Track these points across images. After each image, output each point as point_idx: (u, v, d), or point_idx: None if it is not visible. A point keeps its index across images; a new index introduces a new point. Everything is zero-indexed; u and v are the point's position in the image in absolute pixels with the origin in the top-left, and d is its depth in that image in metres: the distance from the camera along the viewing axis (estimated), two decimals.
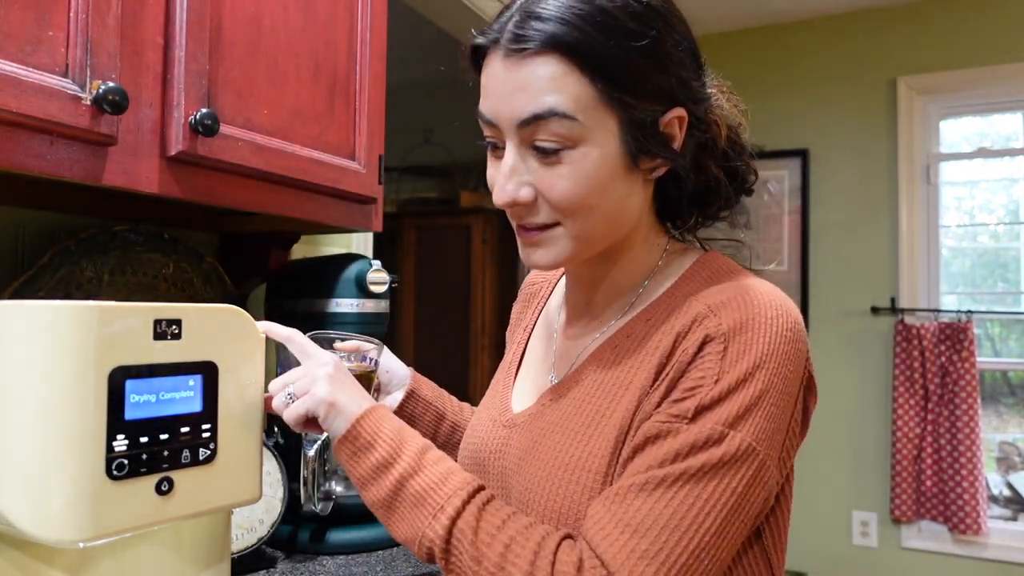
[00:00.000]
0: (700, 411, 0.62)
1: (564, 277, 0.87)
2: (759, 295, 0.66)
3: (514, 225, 0.72)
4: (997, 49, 2.88)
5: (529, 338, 0.89)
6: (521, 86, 0.65)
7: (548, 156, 0.65)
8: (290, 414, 0.71)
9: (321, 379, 0.71)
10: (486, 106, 0.68)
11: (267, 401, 0.75)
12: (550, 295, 0.91)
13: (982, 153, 3.03)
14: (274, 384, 0.74)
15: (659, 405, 0.64)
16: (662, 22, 0.66)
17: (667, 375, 0.65)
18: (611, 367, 0.71)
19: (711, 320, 0.64)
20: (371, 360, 0.85)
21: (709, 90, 0.74)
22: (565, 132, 0.64)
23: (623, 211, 0.70)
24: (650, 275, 0.75)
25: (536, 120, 0.64)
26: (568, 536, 0.62)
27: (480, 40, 0.69)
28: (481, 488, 0.65)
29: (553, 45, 0.63)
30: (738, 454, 0.60)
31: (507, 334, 0.97)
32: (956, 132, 3.08)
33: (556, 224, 0.68)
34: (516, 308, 0.98)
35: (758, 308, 0.64)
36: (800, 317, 0.67)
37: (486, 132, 0.70)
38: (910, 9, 3.01)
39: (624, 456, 0.65)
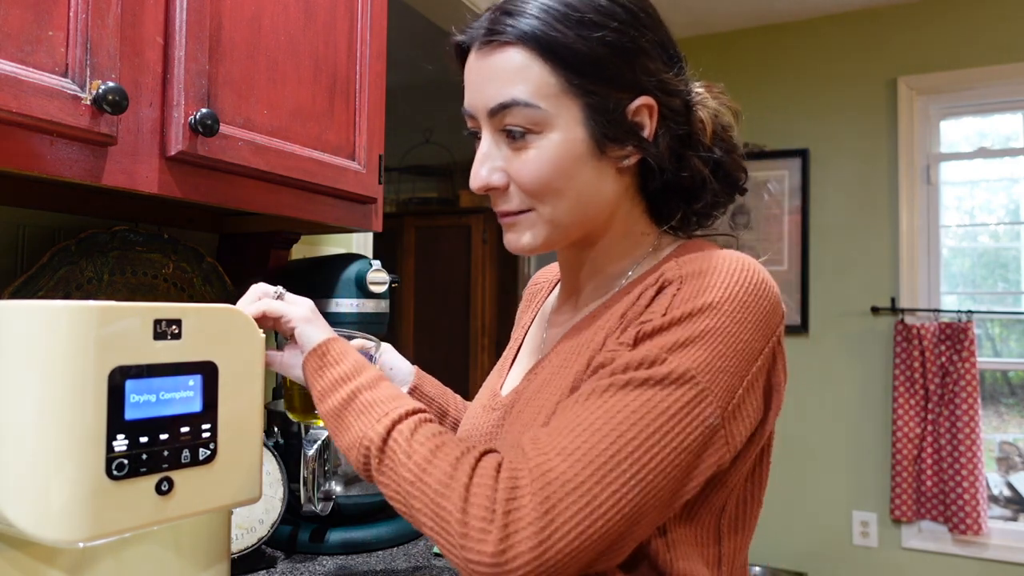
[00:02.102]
0: (642, 338, 0.62)
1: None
2: (728, 253, 0.67)
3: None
4: (997, 49, 2.88)
5: (526, 333, 0.90)
6: (490, 77, 0.70)
7: (516, 141, 0.70)
8: (271, 307, 0.76)
9: (306, 309, 0.77)
10: (466, 98, 0.73)
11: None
12: (550, 294, 0.92)
13: (982, 153, 3.03)
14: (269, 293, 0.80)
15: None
16: (628, 16, 0.69)
17: (625, 318, 0.67)
18: (583, 334, 0.73)
19: (673, 270, 0.66)
20: (371, 358, 0.87)
21: (695, 88, 0.75)
22: (530, 119, 0.68)
23: (593, 197, 0.71)
24: (636, 265, 0.76)
25: (502, 109, 0.69)
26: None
27: (460, 37, 0.74)
28: (426, 411, 0.67)
29: (518, 37, 0.68)
30: (672, 376, 0.59)
31: (512, 335, 0.98)
32: (956, 132, 3.08)
33: (529, 210, 0.72)
34: (519, 308, 1.00)
35: (722, 260, 0.65)
36: (772, 283, 0.66)
37: (469, 124, 0.74)
38: (910, 9, 3.01)
39: None
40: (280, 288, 0.80)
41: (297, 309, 0.77)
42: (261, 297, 0.78)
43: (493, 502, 0.56)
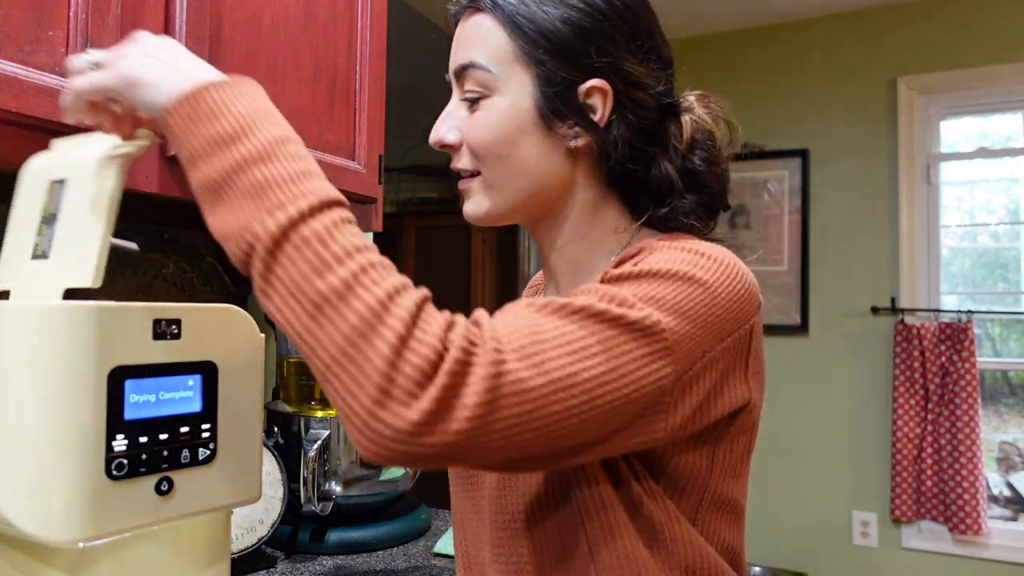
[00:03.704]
0: (610, 280, 0.61)
1: None
2: (700, 241, 0.67)
3: None
4: (997, 49, 2.88)
5: None
6: (460, 41, 0.73)
7: (472, 104, 0.72)
8: (85, 83, 0.60)
9: (142, 53, 0.59)
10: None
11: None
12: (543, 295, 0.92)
13: (982, 153, 3.03)
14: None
15: None
16: (603, 3, 0.71)
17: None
18: None
19: (647, 244, 0.67)
20: None
21: (686, 96, 0.75)
22: (482, 82, 0.71)
23: (536, 171, 0.72)
24: (612, 257, 0.75)
25: (463, 71, 0.72)
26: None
27: (453, 8, 0.77)
28: (345, 205, 0.55)
29: (489, 6, 0.71)
30: (643, 323, 0.56)
31: None
32: (956, 132, 3.08)
33: (477, 173, 0.73)
34: None
35: (694, 243, 0.66)
36: (748, 273, 0.66)
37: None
38: (910, 9, 3.01)
39: None
40: (90, 53, 0.61)
41: (125, 63, 0.58)
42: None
43: (437, 365, 0.48)
